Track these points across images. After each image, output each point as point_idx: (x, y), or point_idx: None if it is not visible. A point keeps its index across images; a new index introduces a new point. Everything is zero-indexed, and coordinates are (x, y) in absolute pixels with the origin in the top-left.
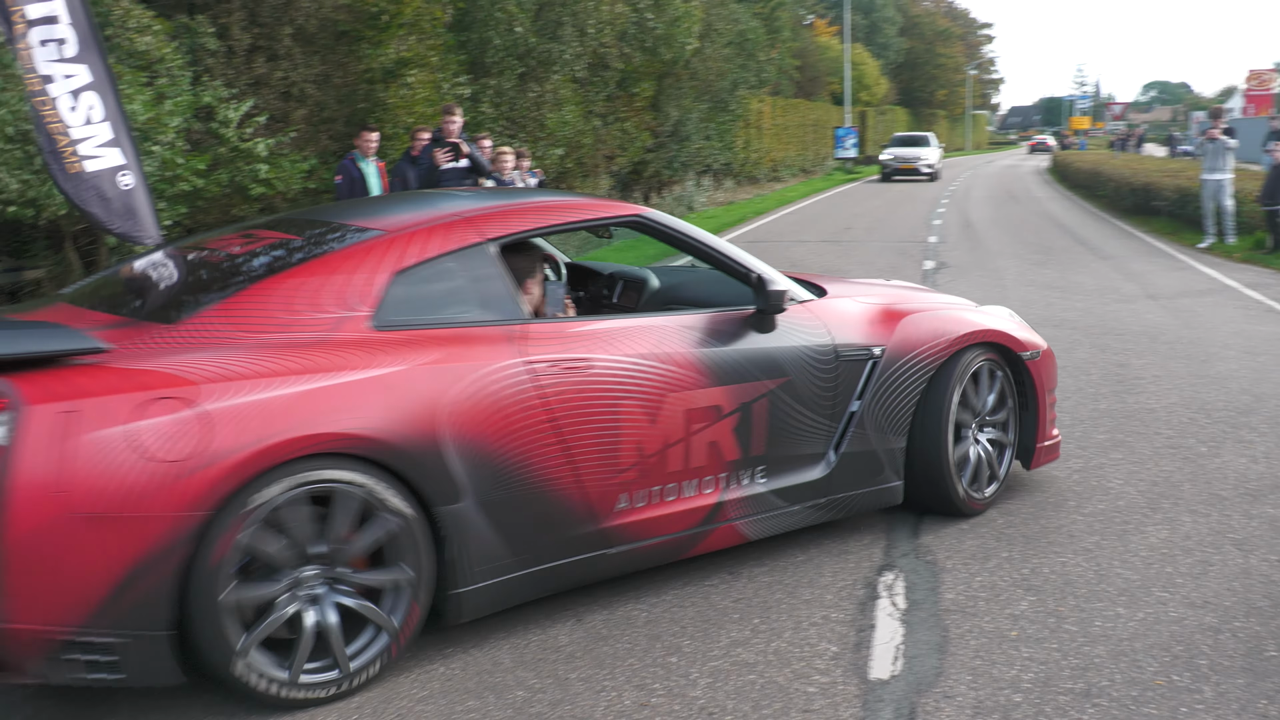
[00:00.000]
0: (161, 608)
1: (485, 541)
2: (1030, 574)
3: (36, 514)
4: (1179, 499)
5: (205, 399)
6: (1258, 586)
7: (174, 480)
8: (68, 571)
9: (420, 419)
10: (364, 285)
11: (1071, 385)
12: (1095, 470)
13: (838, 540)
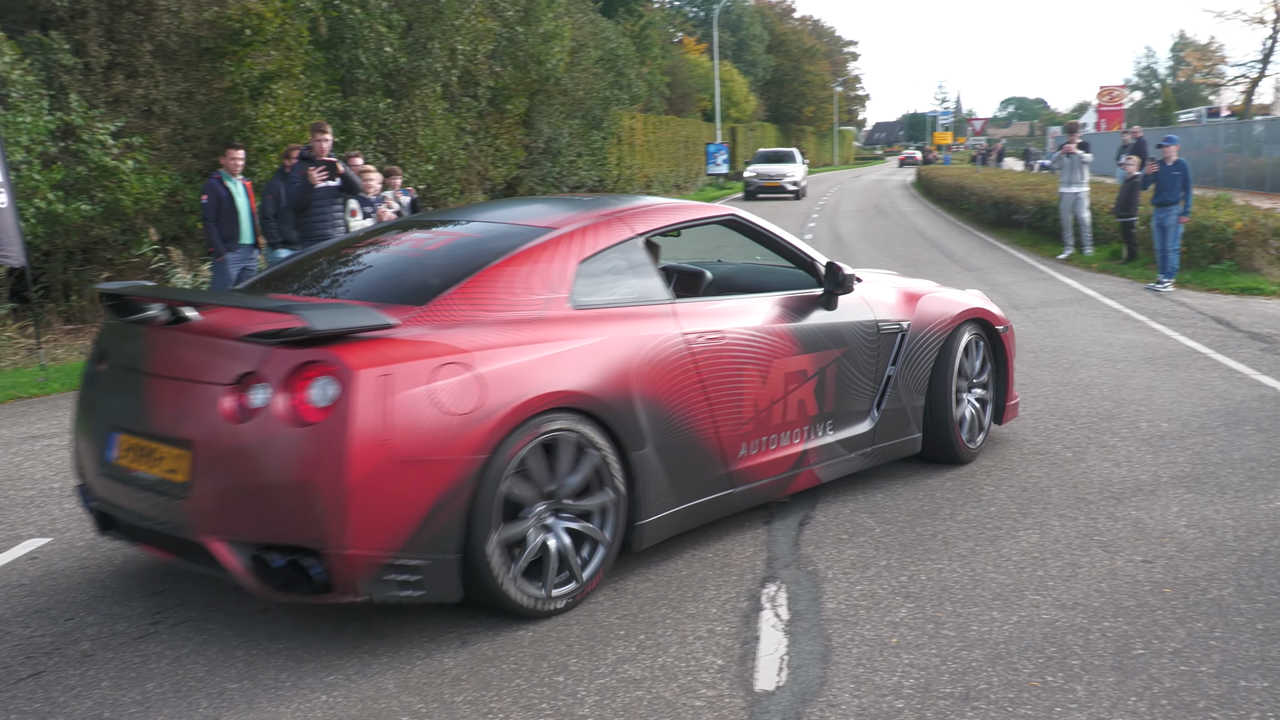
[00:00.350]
0: (454, 536)
1: (659, 481)
2: (908, 581)
3: (368, 460)
4: (1047, 504)
5: (478, 364)
6: (1124, 587)
7: (464, 429)
8: (390, 506)
9: (617, 380)
10: (560, 273)
11: None
12: (968, 478)
13: (720, 553)
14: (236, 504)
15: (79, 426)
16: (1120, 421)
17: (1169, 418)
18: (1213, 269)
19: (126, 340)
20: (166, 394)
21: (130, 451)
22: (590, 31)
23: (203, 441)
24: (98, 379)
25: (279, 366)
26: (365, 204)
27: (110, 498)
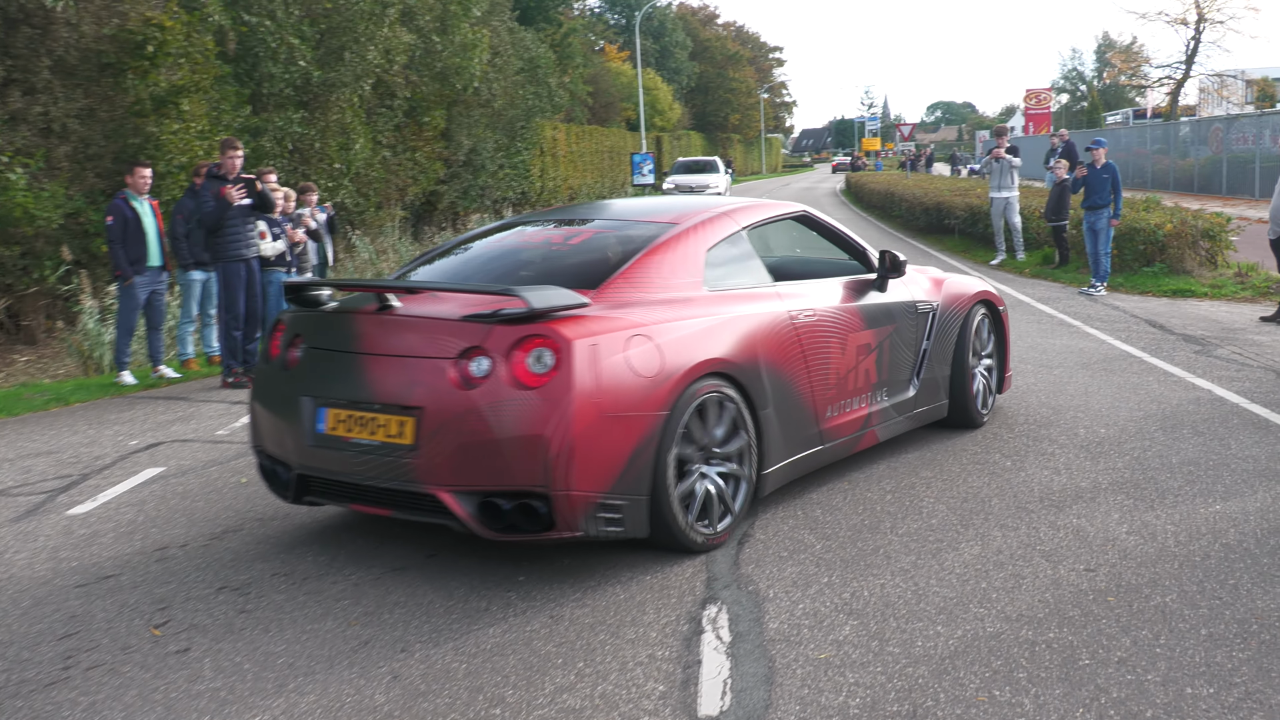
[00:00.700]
0: (646, 480)
1: (775, 436)
2: (851, 598)
3: (585, 416)
4: (989, 514)
5: (656, 336)
6: (1068, 596)
7: (651, 390)
8: (601, 454)
9: (749, 350)
10: (694, 260)
11: None
12: (908, 490)
13: (659, 575)
14: (466, 458)
15: (269, 407)
16: (1058, 428)
17: (1107, 423)
18: (1144, 271)
19: (330, 326)
20: (388, 369)
21: (344, 422)
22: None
23: (432, 407)
24: (291, 364)
25: (501, 340)
26: (273, 225)
27: (323, 465)
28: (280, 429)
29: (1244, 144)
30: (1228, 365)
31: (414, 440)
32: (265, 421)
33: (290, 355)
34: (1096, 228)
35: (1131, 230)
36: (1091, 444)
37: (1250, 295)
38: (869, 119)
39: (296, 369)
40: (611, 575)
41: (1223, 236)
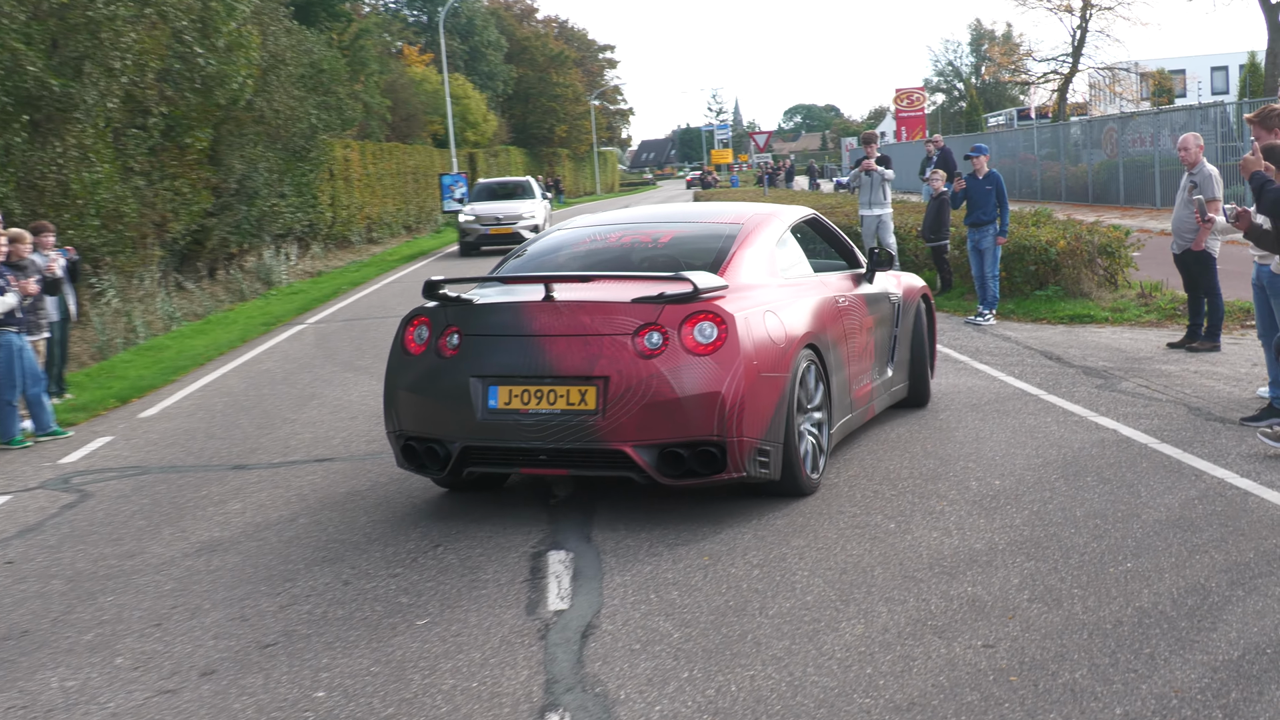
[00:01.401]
0: (781, 430)
1: (835, 402)
2: (716, 695)
3: (749, 375)
4: (871, 586)
5: (777, 311)
6: (965, 678)
7: (782, 355)
8: (758, 407)
9: (821, 327)
10: (770, 253)
11: None
12: (777, 562)
13: (488, 680)
14: (650, 416)
15: (422, 393)
16: (947, 482)
17: (1001, 473)
18: (1037, 296)
19: (496, 315)
20: (569, 347)
21: (519, 396)
22: (287, 43)
23: (617, 376)
24: (449, 352)
25: (674, 317)
26: None
27: (495, 436)
28: (439, 410)
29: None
30: (1134, 400)
31: (597, 405)
32: (416, 406)
33: (441, 344)
34: (981, 247)
35: (1020, 249)
36: (985, 498)
37: (1155, 319)
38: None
39: (458, 355)
40: (433, 682)
41: (1122, 253)
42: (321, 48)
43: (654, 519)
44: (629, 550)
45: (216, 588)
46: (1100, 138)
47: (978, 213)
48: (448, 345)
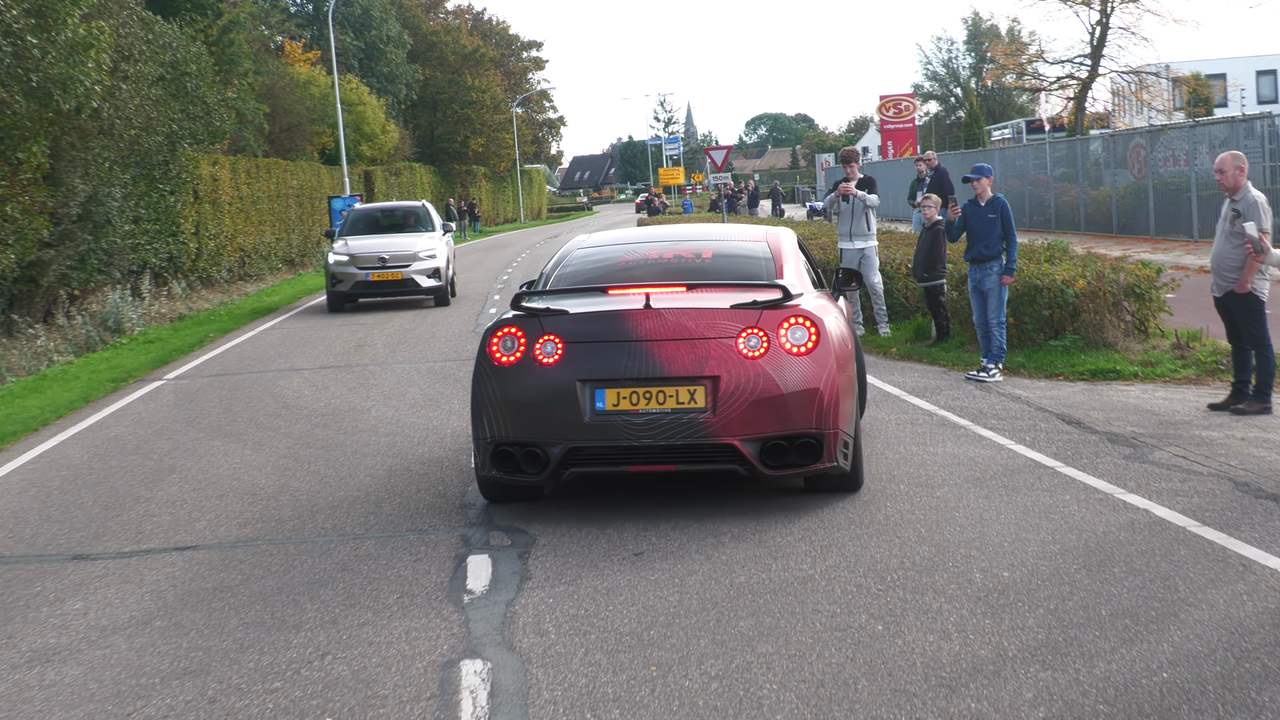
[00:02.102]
0: (854, 423)
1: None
2: None
3: (838, 372)
4: (855, 703)
5: (838, 315)
6: None
7: (850, 355)
8: (844, 401)
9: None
10: (801, 267)
11: (688, 546)
12: (740, 673)
13: None
14: (758, 412)
15: (523, 399)
16: (946, 574)
17: (1011, 563)
18: (1052, 346)
19: (599, 323)
20: (677, 351)
21: (628, 398)
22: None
23: (726, 375)
24: (547, 362)
25: (771, 321)
26: None
27: (602, 438)
28: (542, 415)
29: (1174, 165)
30: (1169, 474)
31: (706, 403)
32: (514, 413)
33: (536, 353)
34: (984, 287)
35: (1031, 290)
36: (991, 594)
37: (1194, 374)
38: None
39: (561, 362)
40: None
41: (1153, 295)
42: (184, 43)
43: (590, 615)
44: (559, 658)
45: (51, 708)
46: (1126, 155)
47: (979, 246)
48: (544, 353)
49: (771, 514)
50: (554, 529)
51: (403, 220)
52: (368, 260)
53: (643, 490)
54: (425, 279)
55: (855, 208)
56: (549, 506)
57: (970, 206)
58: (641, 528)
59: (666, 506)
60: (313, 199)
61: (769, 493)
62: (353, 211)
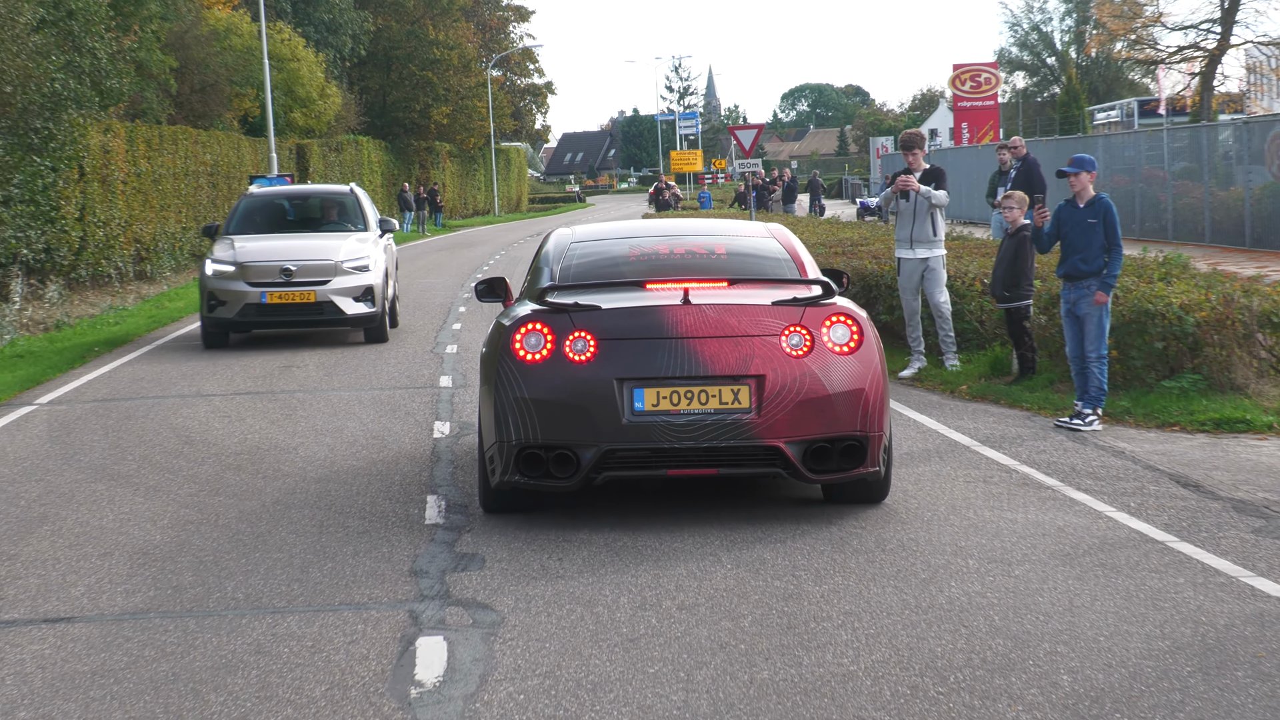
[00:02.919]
0: (889, 427)
1: None
2: None
3: (881, 372)
4: None
5: None
6: None
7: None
8: (885, 403)
9: None
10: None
11: (697, 630)
12: None
13: None
14: (803, 413)
15: (556, 399)
16: (1025, 675)
17: (1107, 662)
18: (1165, 388)
19: (635, 319)
20: (720, 348)
21: (668, 398)
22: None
23: (772, 375)
24: (579, 360)
25: (815, 319)
26: None
27: (640, 439)
28: (575, 416)
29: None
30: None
31: (751, 403)
32: (543, 414)
33: (566, 350)
34: (1082, 311)
35: (1141, 316)
36: (1082, 700)
37: None
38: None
39: (596, 360)
40: None
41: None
42: None
43: (573, 718)
44: None
45: None
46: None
47: (1075, 259)
48: (575, 350)
49: (804, 591)
50: (529, 604)
51: (321, 213)
52: (264, 273)
53: (642, 554)
54: (351, 303)
55: (918, 206)
56: (523, 575)
57: (1066, 209)
58: (638, 604)
59: (669, 576)
60: (231, 178)
61: (798, 564)
62: (246, 199)
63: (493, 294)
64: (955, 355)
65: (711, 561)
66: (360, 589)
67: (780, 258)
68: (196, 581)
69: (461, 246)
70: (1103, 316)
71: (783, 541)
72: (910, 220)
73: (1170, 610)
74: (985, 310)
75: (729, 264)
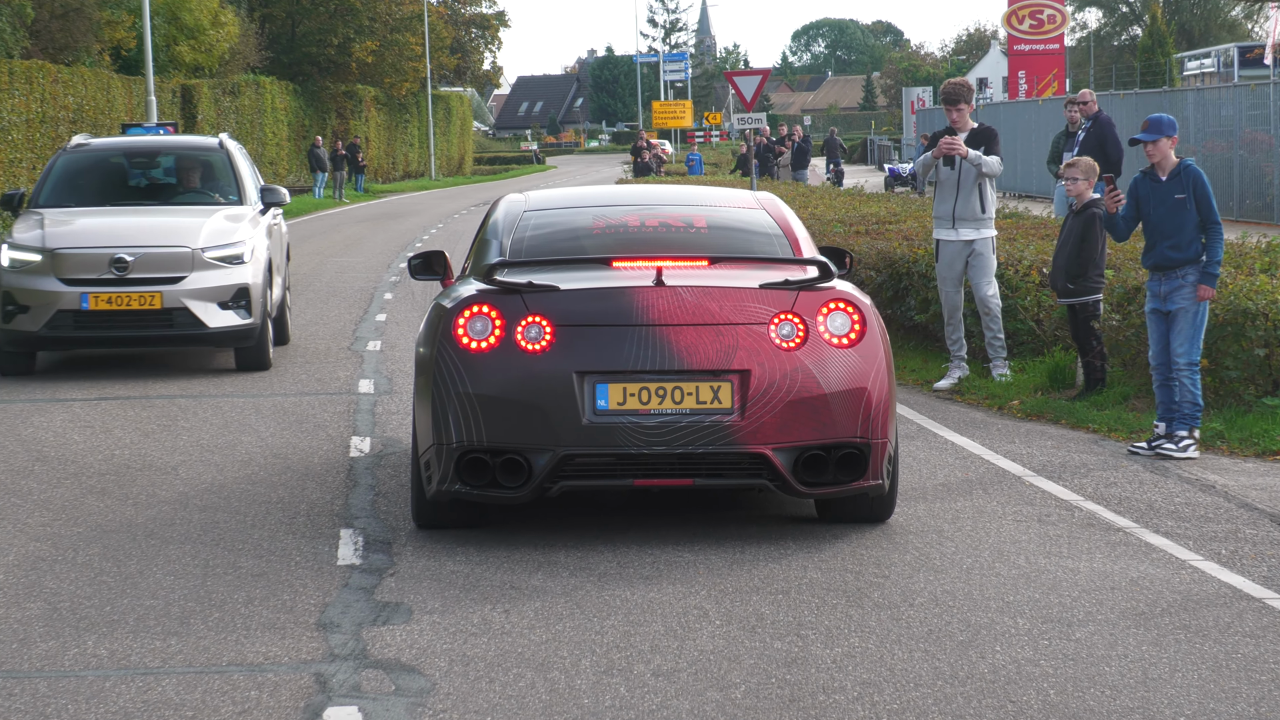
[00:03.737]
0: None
1: None
2: None
3: (888, 369)
4: None
5: None
6: None
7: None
8: (892, 406)
9: None
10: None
11: (676, 702)
12: None
13: None
14: (794, 415)
15: (506, 395)
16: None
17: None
18: (1266, 405)
19: (599, 301)
20: (699, 338)
21: (637, 395)
22: None
23: (758, 369)
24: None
25: (809, 305)
26: None
27: (604, 442)
28: (527, 415)
29: None
30: None
31: (733, 403)
32: (490, 412)
33: (518, 338)
34: (1173, 307)
35: (1238, 316)
36: None
37: None
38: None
39: (553, 350)
40: None
41: None
42: None
43: None
44: None
45: None
46: None
47: (1164, 246)
48: (527, 338)
49: (811, 655)
50: (466, 667)
51: (177, 177)
52: (85, 264)
53: (609, 605)
54: (215, 310)
55: (965, 176)
56: (460, 630)
57: (1145, 183)
58: (603, 668)
59: (643, 634)
60: (98, 127)
61: (804, 620)
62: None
63: (430, 270)
64: (1005, 363)
65: (696, 615)
66: (255, 646)
67: (770, 232)
68: (49, 633)
69: (389, 217)
70: (1200, 315)
71: (785, 591)
72: (953, 193)
73: (1269, 684)
74: (1044, 306)
75: (710, 239)
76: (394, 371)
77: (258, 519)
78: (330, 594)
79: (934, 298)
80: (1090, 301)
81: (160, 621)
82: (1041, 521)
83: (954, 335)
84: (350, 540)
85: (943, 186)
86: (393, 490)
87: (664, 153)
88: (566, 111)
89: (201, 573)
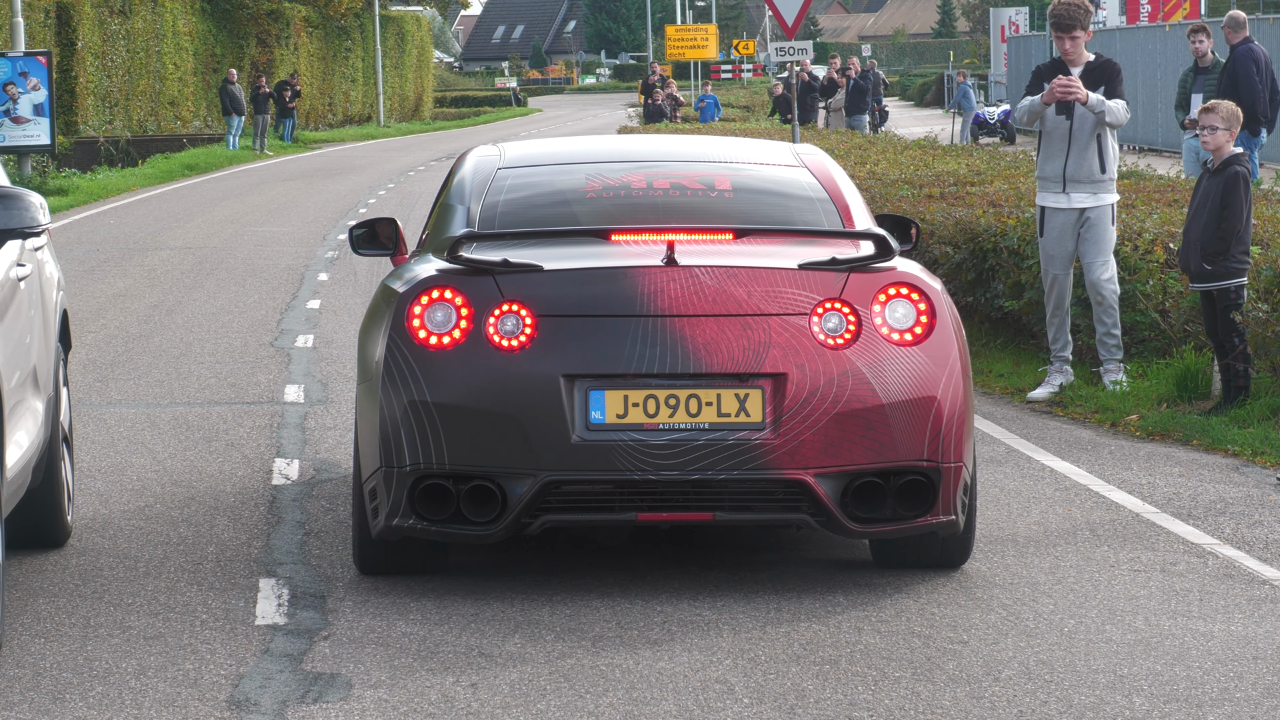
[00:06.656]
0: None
1: None
2: None
3: (965, 374)
4: None
5: None
6: None
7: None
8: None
9: None
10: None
11: None
12: None
13: None
14: (842, 433)
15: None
16: None
17: None
18: None
19: (593, 285)
20: (720, 332)
21: (642, 405)
22: None
23: (797, 373)
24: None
25: (863, 291)
26: None
27: (600, 465)
28: (503, 430)
29: None
30: None
31: (764, 416)
32: (455, 427)
33: (490, 331)
34: None
35: None
36: None
37: None
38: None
39: (534, 347)
40: None
41: None
42: None
43: None
44: None
45: None
46: None
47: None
48: (502, 332)
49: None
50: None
51: None
52: None
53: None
54: None
55: (1080, 125)
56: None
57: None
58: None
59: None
60: None
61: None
62: None
63: (377, 243)
64: (1120, 366)
65: (718, 692)
66: None
67: (814, 197)
68: None
69: (325, 175)
70: None
71: (832, 661)
72: (1064, 147)
73: None
74: (1170, 294)
75: (736, 205)
76: (330, 375)
77: (153, 565)
78: (246, 662)
79: (1030, 281)
80: (1231, 287)
81: (27, 696)
82: (1165, 572)
83: (1057, 329)
84: (272, 593)
85: (1050, 139)
86: (328, 528)
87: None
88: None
89: (80, 634)
